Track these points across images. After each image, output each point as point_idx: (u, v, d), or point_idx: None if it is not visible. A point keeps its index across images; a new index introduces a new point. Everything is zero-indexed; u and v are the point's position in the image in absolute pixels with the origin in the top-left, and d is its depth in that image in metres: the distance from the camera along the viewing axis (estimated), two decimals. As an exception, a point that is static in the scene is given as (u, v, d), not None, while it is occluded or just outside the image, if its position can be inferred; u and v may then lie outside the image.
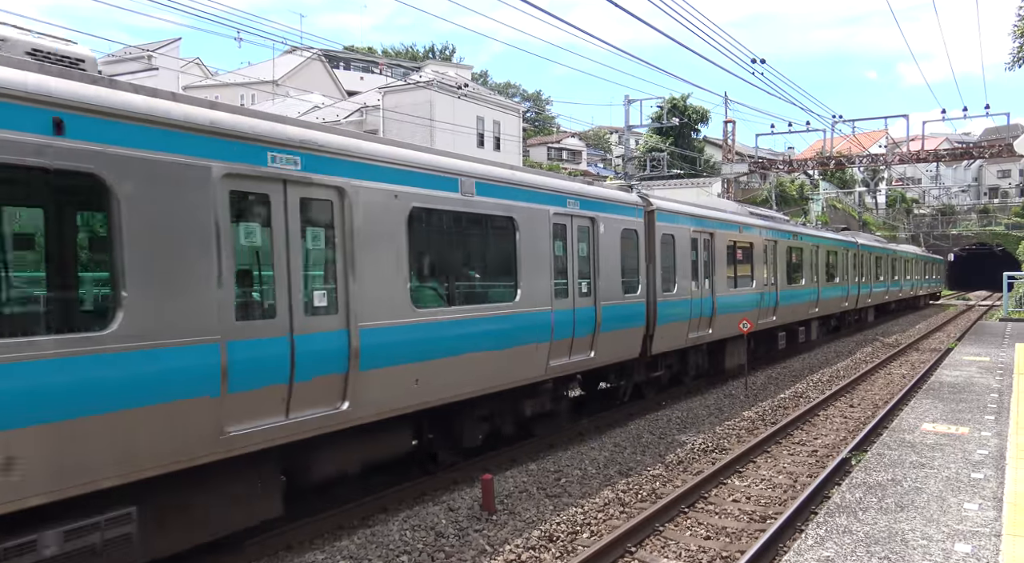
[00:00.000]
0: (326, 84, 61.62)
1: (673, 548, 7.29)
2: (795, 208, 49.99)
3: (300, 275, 6.55)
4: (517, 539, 7.28)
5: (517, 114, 49.57)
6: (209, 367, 5.73)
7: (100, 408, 5.08)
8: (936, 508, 6.15)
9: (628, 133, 37.28)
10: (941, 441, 8.43)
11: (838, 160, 36.66)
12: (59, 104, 4.93)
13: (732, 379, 16.70)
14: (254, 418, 6.12)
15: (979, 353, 16.42)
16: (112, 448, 5.18)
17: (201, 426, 5.72)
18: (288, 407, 6.40)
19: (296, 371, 6.42)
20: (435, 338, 8.03)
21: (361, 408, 7.10)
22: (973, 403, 10.60)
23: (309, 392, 6.55)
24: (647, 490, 8.93)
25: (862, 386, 16.82)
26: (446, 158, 8.66)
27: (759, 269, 17.67)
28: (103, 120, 5.17)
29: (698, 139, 59.75)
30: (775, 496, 8.87)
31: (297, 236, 6.53)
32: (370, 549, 6.97)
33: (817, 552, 5.31)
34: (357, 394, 7.00)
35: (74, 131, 5.00)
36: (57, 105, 4.92)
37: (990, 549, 5.26)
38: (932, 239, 66.60)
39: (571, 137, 71.38)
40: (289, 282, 6.42)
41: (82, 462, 5.02)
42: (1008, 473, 7.01)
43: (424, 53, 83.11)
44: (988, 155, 33.89)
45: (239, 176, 6.06)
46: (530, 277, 9.54)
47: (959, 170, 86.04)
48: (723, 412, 13.56)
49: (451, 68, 57.44)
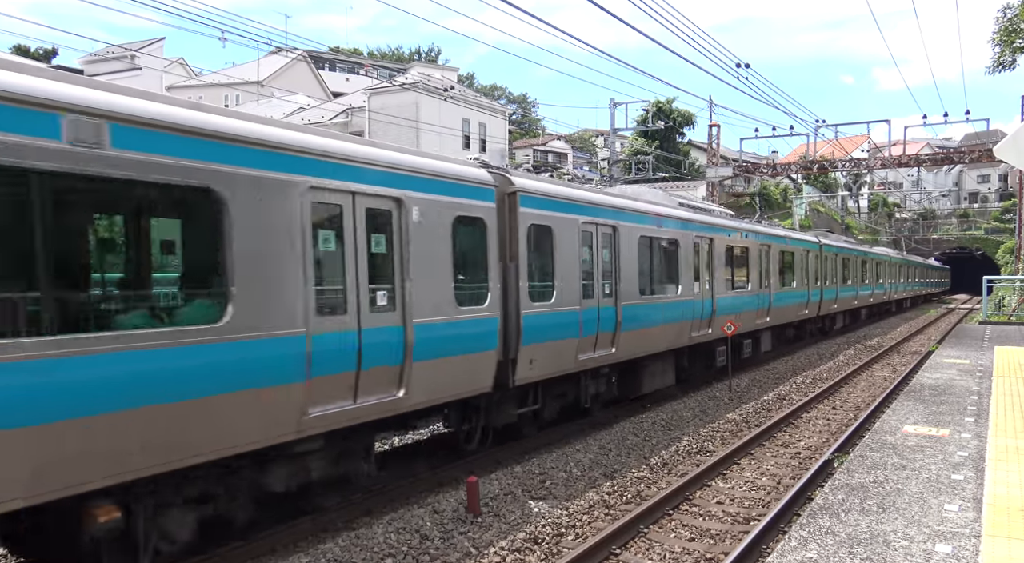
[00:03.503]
0: (311, 85, 61.36)
1: (658, 550, 7.32)
2: (779, 212, 50.38)
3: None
4: (502, 541, 7.28)
5: (503, 116, 49.61)
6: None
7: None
8: (917, 509, 6.21)
9: (613, 136, 37.42)
10: (922, 443, 8.51)
11: (821, 164, 37.02)
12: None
13: (715, 382, 16.78)
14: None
15: (959, 356, 16.61)
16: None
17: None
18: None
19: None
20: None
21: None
22: (953, 405, 10.72)
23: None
24: (632, 492, 8.95)
25: (845, 388, 16.97)
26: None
27: (687, 272, 14.77)
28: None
29: (683, 142, 60.01)
30: (759, 498, 8.92)
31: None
32: (354, 552, 6.94)
33: (800, 553, 5.35)
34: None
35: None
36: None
37: (970, 550, 5.32)
38: (913, 243, 67.30)
39: (557, 140, 71.49)
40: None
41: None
42: (987, 474, 7.09)
43: (410, 55, 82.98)
44: (968, 160, 34.32)
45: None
46: (253, 287, 6.37)
47: (940, 175, 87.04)
48: (707, 414, 13.62)
49: (437, 70, 57.43)
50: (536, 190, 10.23)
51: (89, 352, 5.11)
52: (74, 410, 5.02)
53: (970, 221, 74.90)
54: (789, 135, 34.23)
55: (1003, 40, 25.36)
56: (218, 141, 6.01)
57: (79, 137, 5.10)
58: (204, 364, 5.78)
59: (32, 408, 4.80)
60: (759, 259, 19.26)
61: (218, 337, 5.89)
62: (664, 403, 14.35)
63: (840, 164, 37.73)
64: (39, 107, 4.93)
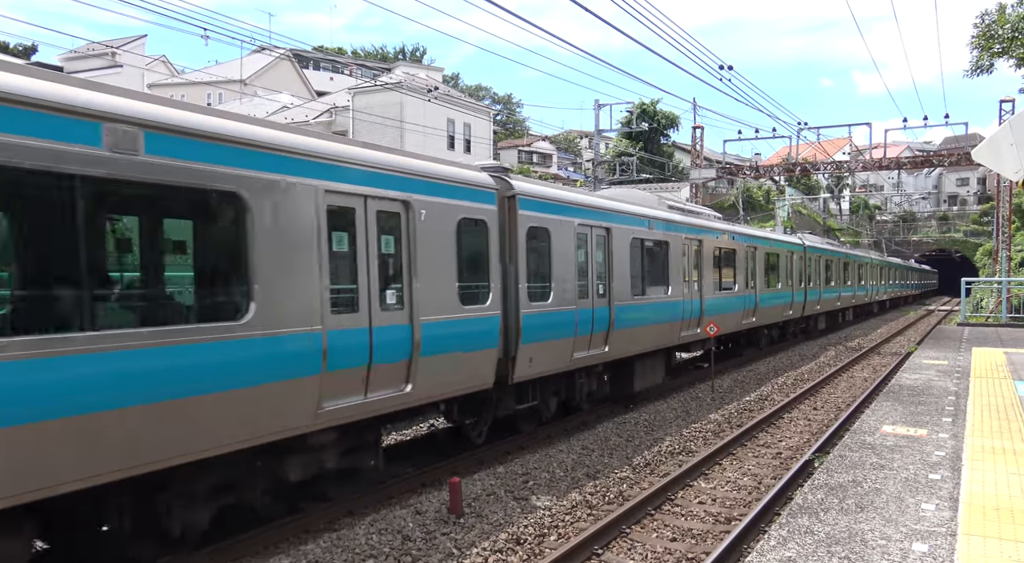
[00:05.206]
0: (295, 84, 61.01)
1: (640, 550, 7.35)
2: (762, 213, 50.74)
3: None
4: (484, 542, 7.28)
5: (488, 117, 49.59)
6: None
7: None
8: (895, 508, 6.28)
9: (598, 137, 37.51)
10: (900, 443, 8.60)
11: (803, 166, 37.28)
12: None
13: (698, 382, 16.85)
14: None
15: (938, 357, 16.80)
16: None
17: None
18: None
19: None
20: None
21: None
22: (931, 406, 10.84)
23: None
24: (614, 492, 8.98)
25: (826, 389, 17.11)
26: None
27: (677, 272, 15.01)
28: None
29: (667, 144, 60.35)
30: (740, 498, 8.98)
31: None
32: (336, 553, 6.91)
33: (779, 552, 5.39)
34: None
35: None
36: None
37: (946, 548, 5.38)
38: (894, 245, 67.99)
39: (542, 140, 71.59)
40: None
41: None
42: (964, 474, 7.18)
43: (394, 54, 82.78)
44: (948, 163, 34.69)
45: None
46: (276, 286, 6.59)
47: (920, 178, 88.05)
48: (690, 415, 13.69)
49: (422, 70, 57.36)
50: (534, 193, 10.54)
51: (144, 345, 5.49)
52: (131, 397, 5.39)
53: (949, 224, 75.80)
54: (772, 137, 34.40)
55: (981, 45, 25.69)
56: (244, 148, 6.30)
57: (118, 144, 5.39)
58: (227, 360, 6.05)
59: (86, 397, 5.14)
60: (746, 261, 19.67)
61: (241, 333, 6.17)
62: (647, 403, 14.41)
63: (822, 166, 38.05)
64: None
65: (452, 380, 8.88)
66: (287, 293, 6.60)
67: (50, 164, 4.95)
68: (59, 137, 5.00)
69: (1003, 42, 24.98)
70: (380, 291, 7.70)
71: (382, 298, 7.74)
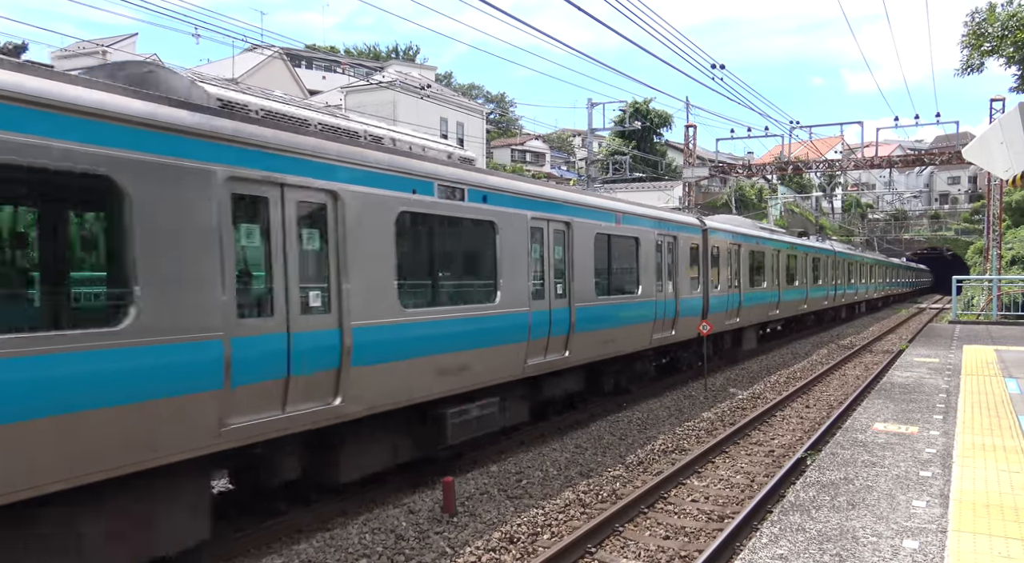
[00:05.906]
0: (287, 83, 60.66)
1: (633, 548, 7.37)
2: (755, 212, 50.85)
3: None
4: (478, 541, 7.29)
5: (481, 116, 49.58)
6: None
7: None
8: (886, 506, 6.31)
9: (591, 136, 37.51)
10: (892, 440, 8.64)
11: (796, 165, 37.37)
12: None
13: (691, 381, 16.89)
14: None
15: (929, 355, 16.86)
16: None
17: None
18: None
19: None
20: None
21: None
22: (923, 403, 10.89)
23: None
24: (608, 491, 9.00)
25: (818, 387, 17.18)
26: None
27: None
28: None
29: (660, 143, 60.45)
30: (733, 496, 9.01)
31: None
32: (329, 553, 6.91)
33: (771, 550, 5.41)
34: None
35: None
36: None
37: (936, 545, 5.41)
38: (886, 243, 68.28)
39: (535, 139, 71.56)
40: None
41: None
42: (955, 471, 7.21)
43: (387, 53, 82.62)
44: (939, 162, 34.86)
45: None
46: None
47: (911, 176, 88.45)
48: (683, 413, 13.72)
49: (415, 69, 57.24)
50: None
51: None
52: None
53: (941, 222, 76.17)
54: (764, 136, 34.57)
55: (972, 43, 25.83)
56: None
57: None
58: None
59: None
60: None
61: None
62: (640, 402, 14.43)
63: (814, 165, 38.18)
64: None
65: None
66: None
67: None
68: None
69: (993, 41, 25.13)
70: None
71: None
